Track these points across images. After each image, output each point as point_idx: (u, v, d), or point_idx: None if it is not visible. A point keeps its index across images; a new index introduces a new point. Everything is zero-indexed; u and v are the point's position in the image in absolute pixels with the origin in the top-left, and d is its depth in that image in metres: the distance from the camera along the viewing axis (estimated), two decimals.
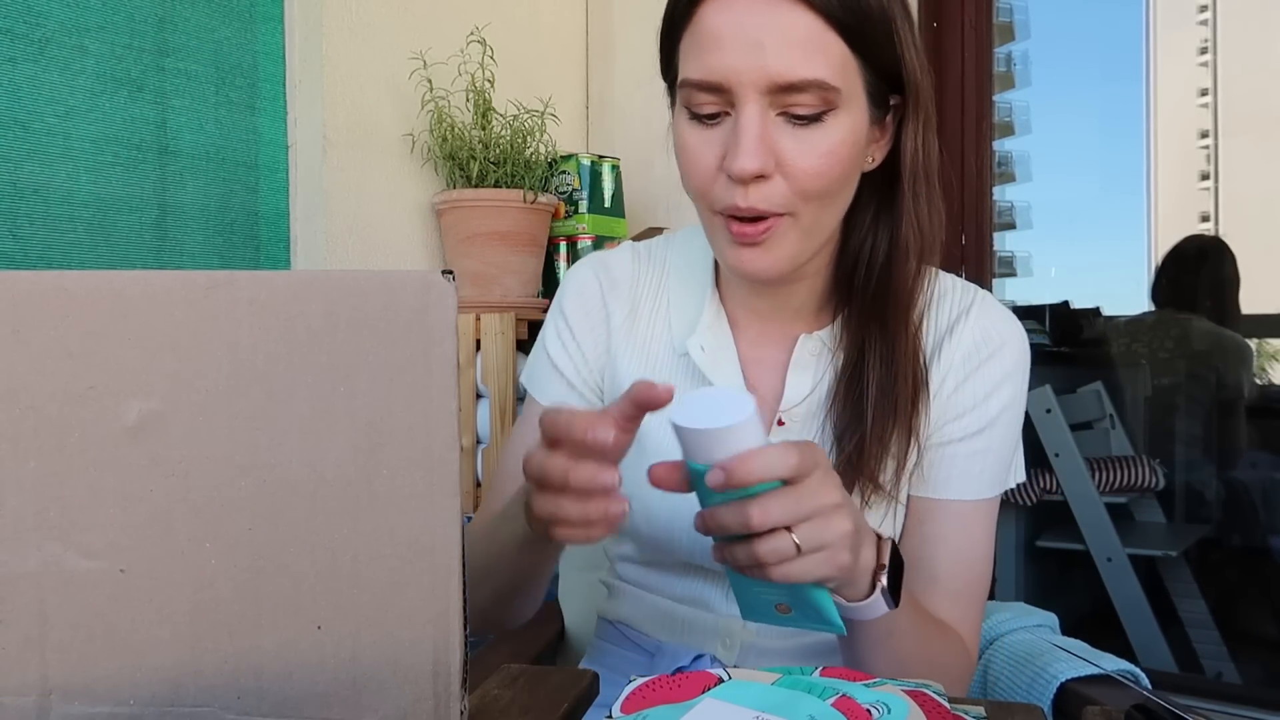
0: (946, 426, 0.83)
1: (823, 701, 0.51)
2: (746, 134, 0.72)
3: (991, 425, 0.83)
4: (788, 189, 0.73)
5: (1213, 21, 3.63)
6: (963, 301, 0.86)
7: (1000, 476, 0.85)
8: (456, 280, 0.44)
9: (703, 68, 0.73)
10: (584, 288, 0.91)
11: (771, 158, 0.72)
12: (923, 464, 0.83)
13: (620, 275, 0.90)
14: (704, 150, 0.75)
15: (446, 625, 0.45)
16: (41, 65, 1.48)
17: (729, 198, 0.74)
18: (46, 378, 0.44)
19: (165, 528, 0.44)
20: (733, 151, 0.72)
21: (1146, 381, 2.67)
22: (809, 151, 0.72)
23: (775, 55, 0.71)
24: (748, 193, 0.73)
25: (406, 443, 0.44)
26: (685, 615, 0.87)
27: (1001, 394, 0.83)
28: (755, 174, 0.72)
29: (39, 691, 0.45)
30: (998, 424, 0.83)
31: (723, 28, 0.72)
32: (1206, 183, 3.62)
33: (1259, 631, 2.45)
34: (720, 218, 0.76)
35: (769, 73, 0.71)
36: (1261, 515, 2.53)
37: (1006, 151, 2.65)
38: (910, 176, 0.79)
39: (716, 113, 0.74)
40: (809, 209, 0.75)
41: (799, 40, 0.71)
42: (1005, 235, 2.60)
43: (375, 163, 1.90)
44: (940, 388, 0.83)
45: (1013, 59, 2.57)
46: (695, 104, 0.75)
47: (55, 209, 1.50)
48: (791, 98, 0.72)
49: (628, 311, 0.89)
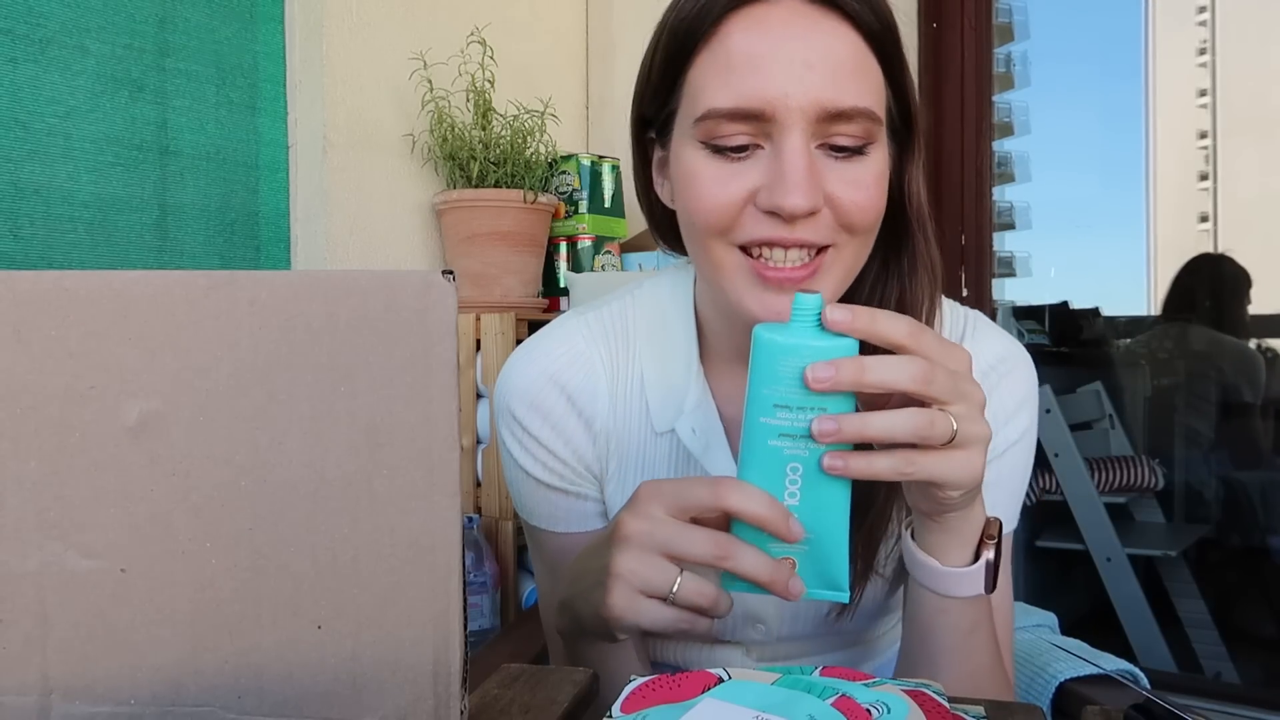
0: None
1: (822, 701, 0.51)
2: (795, 168, 0.62)
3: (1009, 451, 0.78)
4: (833, 222, 0.66)
5: (1212, 22, 3.63)
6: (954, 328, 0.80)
7: (1012, 512, 0.79)
8: (456, 280, 0.44)
9: (736, 94, 0.63)
10: (540, 398, 0.78)
11: (820, 192, 0.64)
12: None
13: (579, 373, 0.78)
14: (729, 184, 0.65)
15: (446, 625, 0.45)
16: (42, 65, 1.48)
17: (764, 230, 0.65)
18: (47, 378, 0.44)
19: (165, 528, 0.44)
20: (777, 187, 0.63)
21: (1146, 382, 2.68)
22: (855, 184, 0.65)
23: (826, 79, 0.62)
24: (794, 227, 0.64)
25: (406, 443, 0.44)
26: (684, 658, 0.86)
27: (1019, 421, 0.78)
28: (808, 212, 0.63)
29: (39, 691, 0.45)
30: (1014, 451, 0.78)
31: (761, 46, 0.63)
32: (1205, 183, 3.62)
33: (1258, 631, 2.45)
34: (742, 258, 0.67)
35: (819, 99, 0.62)
36: (1261, 515, 2.53)
37: (1006, 151, 2.65)
38: (918, 216, 0.72)
39: (746, 145, 0.65)
40: (852, 244, 0.67)
41: (848, 62, 0.64)
42: (1005, 235, 2.59)
43: (375, 163, 1.90)
44: None
45: (1013, 59, 2.57)
46: (720, 135, 0.65)
47: (56, 209, 1.50)
48: (836, 128, 0.64)
49: (607, 405, 0.79)
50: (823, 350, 0.55)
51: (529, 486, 0.81)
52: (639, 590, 0.60)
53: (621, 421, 0.79)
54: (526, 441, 0.80)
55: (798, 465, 0.58)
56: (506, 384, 0.80)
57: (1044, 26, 2.63)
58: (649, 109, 0.73)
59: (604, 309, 0.82)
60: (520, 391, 0.79)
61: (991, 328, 0.82)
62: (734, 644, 0.84)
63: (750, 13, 0.65)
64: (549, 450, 0.79)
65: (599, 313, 0.82)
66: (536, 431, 0.79)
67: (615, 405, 0.79)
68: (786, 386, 0.56)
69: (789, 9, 0.64)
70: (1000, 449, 0.77)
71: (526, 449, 0.80)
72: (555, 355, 0.79)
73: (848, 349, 0.56)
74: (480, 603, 1.67)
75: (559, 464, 0.80)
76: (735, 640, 0.83)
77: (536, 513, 0.82)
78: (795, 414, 0.56)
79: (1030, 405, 0.79)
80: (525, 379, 0.79)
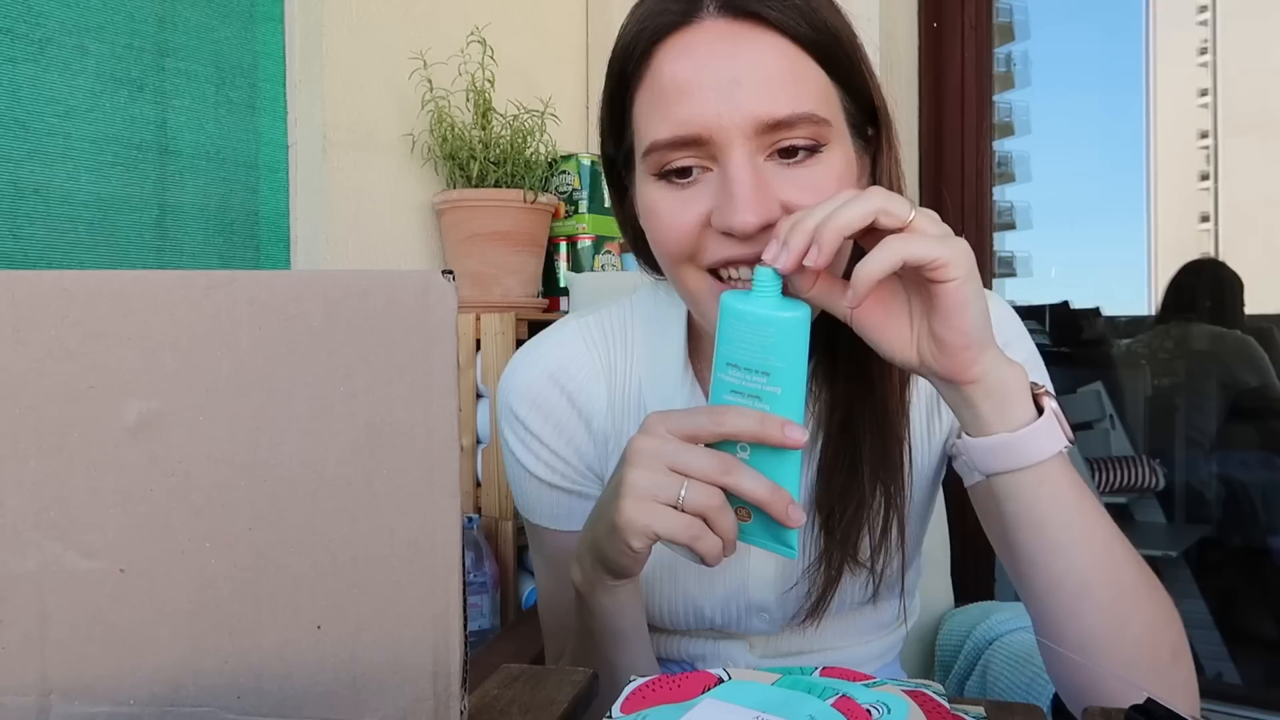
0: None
1: (823, 701, 0.51)
2: (740, 185, 0.63)
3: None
4: None
5: (1212, 22, 3.63)
6: None
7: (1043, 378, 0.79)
8: (456, 280, 0.44)
9: (672, 123, 0.64)
10: (541, 397, 0.80)
11: (774, 203, 0.64)
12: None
13: (580, 373, 0.81)
14: (684, 211, 0.66)
15: (446, 625, 0.45)
16: (42, 65, 1.48)
17: (721, 251, 0.66)
18: (46, 378, 0.44)
19: (165, 528, 0.44)
20: (727, 207, 0.63)
21: (1147, 382, 2.67)
22: (809, 189, 0.65)
23: (755, 92, 0.63)
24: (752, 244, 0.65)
25: (406, 443, 0.44)
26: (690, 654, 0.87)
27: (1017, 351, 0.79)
28: (759, 227, 0.63)
29: (39, 691, 0.45)
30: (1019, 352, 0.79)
31: (688, 72, 0.64)
32: (1206, 183, 3.62)
33: (1259, 631, 2.45)
34: (710, 281, 0.68)
35: (752, 112, 0.63)
36: (1261, 515, 2.53)
37: (1006, 151, 2.65)
38: None
39: (691, 168, 0.66)
40: None
41: (778, 72, 0.64)
42: (1005, 235, 2.59)
43: (375, 163, 1.90)
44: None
45: (1013, 59, 2.57)
46: (666, 164, 0.66)
47: (55, 209, 1.50)
48: (780, 135, 0.64)
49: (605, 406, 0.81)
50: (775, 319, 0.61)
51: (531, 485, 0.83)
52: (651, 498, 0.61)
53: (619, 422, 0.81)
54: (528, 440, 0.81)
55: None
56: (508, 384, 0.82)
57: (1044, 26, 2.63)
58: (609, 148, 0.75)
59: (602, 314, 0.84)
60: (522, 391, 0.81)
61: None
62: (738, 637, 0.85)
63: (676, 41, 0.65)
64: (550, 449, 0.81)
65: (597, 316, 0.84)
66: (538, 430, 0.81)
67: (613, 406, 0.81)
68: (740, 347, 0.62)
69: (712, 31, 0.64)
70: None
71: (528, 447, 0.81)
72: (556, 356, 0.81)
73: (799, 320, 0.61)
74: (480, 603, 1.67)
75: (560, 462, 0.81)
76: (739, 633, 0.84)
77: (538, 511, 0.83)
78: (744, 374, 0.62)
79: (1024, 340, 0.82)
80: (527, 379, 0.81)
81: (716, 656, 0.85)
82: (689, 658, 0.87)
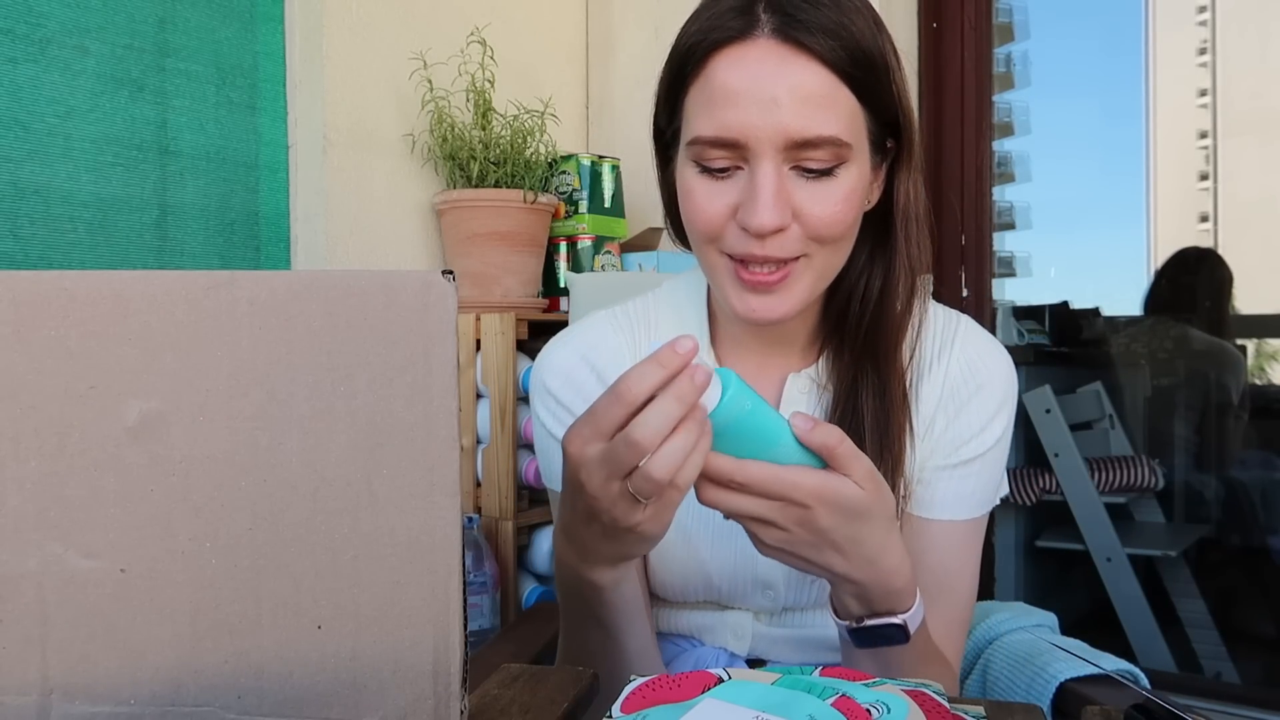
0: (938, 456, 0.83)
1: (822, 701, 0.51)
2: (764, 190, 0.71)
3: (985, 454, 0.84)
4: (802, 235, 0.74)
5: (1212, 22, 3.63)
6: (946, 331, 0.86)
7: (989, 497, 0.85)
8: (456, 280, 0.44)
9: (717, 124, 0.73)
10: (572, 373, 0.88)
11: (789, 211, 0.72)
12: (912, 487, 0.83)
13: (607, 352, 0.88)
14: (715, 199, 0.75)
15: (446, 625, 0.45)
16: (42, 65, 1.48)
17: (742, 246, 0.74)
18: (47, 378, 0.44)
19: (165, 528, 0.44)
20: (749, 207, 0.72)
21: (1146, 382, 2.67)
22: (823, 201, 0.73)
23: (791, 112, 0.71)
24: (764, 243, 0.73)
25: (406, 443, 0.44)
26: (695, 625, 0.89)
27: (995, 427, 0.84)
28: (774, 230, 0.72)
29: (39, 691, 0.45)
30: (991, 453, 0.84)
31: (737, 83, 0.72)
32: (1205, 183, 3.62)
33: (1258, 631, 2.45)
34: (728, 262, 0.76)
35: (786, 130, 0.71)
36: (1261, 515, 2.54)
37: (1006, 151, 2.64)
38: (902, 219, 0.80)
39: (727, 167, 0.74)
40: (823, 252, 0.75)
41: (814, 96, 0.71)
42: (1005, 235, 2.59)
43: (375, 163, 1.90)
44: (932, 421, 0.83)
45: (1013, 59, 2.57)
46: (706, 159, 0.74)
47: (55, 209, 1.50)
48: (805, 153, 0.72)
49: None
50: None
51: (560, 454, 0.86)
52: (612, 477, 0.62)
53: None
54: (558, 411, 0.87)
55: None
56: (541, 364, 0.89)
57: (1044, 26, 2.63)
58: (662, 121, 0.82)
59: (630, 304, 0.93)
60: (554, 368, 0.88)
61: (977, 332, 0.87)
62: (743, 609, 0.88)
63: (731, 51, 0.73)
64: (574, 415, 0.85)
65: (624, 306, 0.92)
66: (569, 402, 0.87)
67: None
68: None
69: (764, 48, 0.72)
70: (974, 454, 0.83)
71: (558, 419, 0.87)
72: (585, 339, 0.90)
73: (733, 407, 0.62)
74: (480, 603, 1.67)
75: None
76: (744, 606, 0.87)
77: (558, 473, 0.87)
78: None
79: (1007, 409, 0.86)
80: (559, 358, 0.89)
81: (723, 625, 0.88)
82: (694, 630, 0.89)
